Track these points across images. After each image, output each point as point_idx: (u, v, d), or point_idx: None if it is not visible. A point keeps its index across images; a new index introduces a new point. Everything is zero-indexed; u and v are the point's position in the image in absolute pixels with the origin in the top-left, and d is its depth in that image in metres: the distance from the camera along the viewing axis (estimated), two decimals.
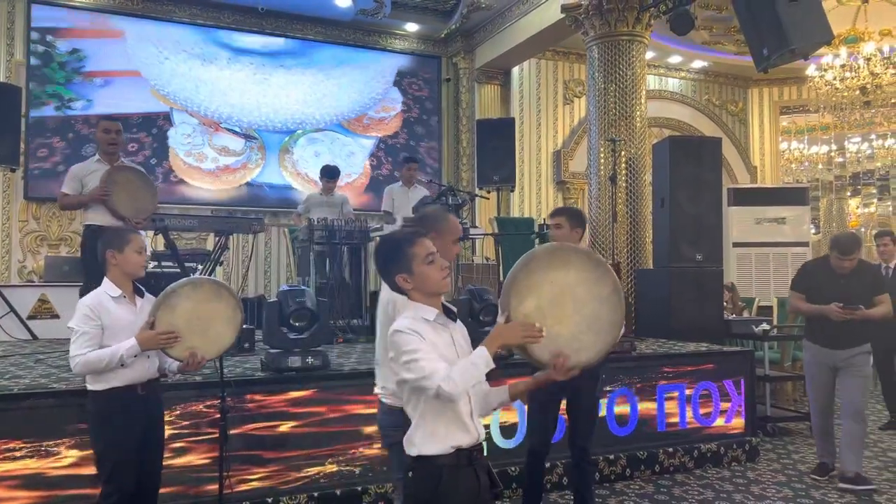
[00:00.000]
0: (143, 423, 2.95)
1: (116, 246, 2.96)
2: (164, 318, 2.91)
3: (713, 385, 5.10)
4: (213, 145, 8.89)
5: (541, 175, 10.12)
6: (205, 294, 3.02)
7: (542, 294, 2.17)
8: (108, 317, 2.88)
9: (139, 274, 3.02)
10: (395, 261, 2.16)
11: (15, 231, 7.88)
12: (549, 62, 10.29)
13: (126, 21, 8.50)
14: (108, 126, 4.79)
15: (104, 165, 4.70)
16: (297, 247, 6.70)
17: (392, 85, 9.92)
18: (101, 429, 2.90)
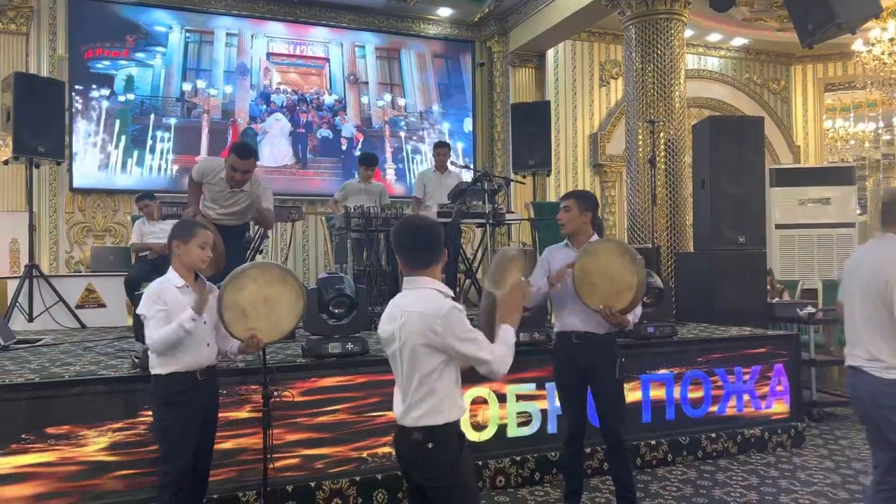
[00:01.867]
0: (202, 408, 3.03)
1: (183, 236, 3.03)
2: (230, 297, 2.99)
3: (757, 369, 5.02)
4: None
5: (577, 158, 10.01)
6: (271, 278, 3.09)
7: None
8: (173, 304, 2.94)
9: (199, 267, 3.08)
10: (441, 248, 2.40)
11: (62, 222, 8.09)
12: (584, 43, 10.14)
13: (161, 12, 8.61)
14: (235, 163, 4.42)
15: (226, 186, 4.58)
16: (335, 234, 6.74)
17: (425, 70, 9.89)
18: (162, 411, 2.99)
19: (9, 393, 3.40)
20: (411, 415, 2.27)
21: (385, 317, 2.39)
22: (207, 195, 4.73)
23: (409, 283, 2.37)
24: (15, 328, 5.87)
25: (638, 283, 3.30)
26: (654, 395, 4.70)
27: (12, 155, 6.34)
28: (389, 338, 2.34)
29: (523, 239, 7.99)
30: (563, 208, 3.57)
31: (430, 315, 2.23)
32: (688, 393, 4.80)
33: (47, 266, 7.74)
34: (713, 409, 4.86)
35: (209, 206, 4.76)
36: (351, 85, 9.52)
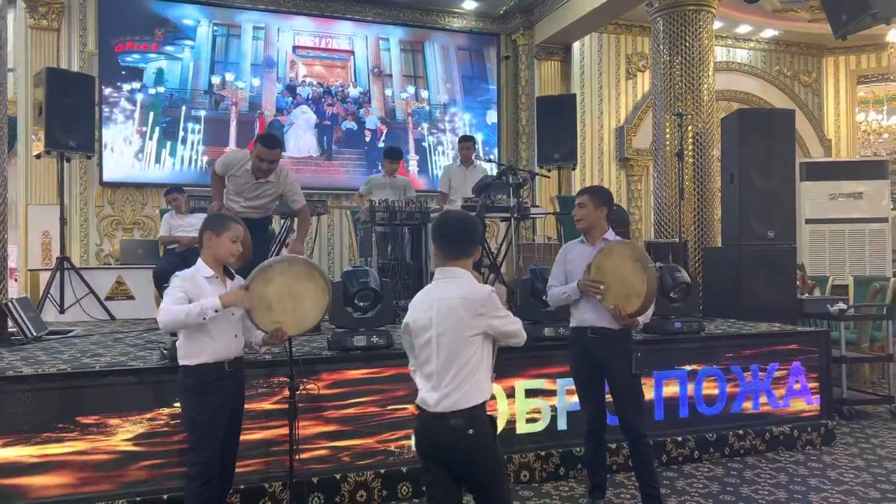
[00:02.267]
0: (230, 399, 3.06)
1: (215, 229, 3.07)
2: (257, 290, 3.03)
3: (786, 366, 4.94)
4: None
5: (603, 152, 9.93)
6: (298, 273, 3.12)
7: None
8: (199, 293, 2.96)
9: (228, 261, 3.11)
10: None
11: (92, 215, 8.21)
12: (611, 36, 10.04)
13: (189, 7, 8.68)
14: (261, 154, 4.48)
15: (252, 177, 4.64)
16: (359, 228, 6.77)
17: (449, 63, 9.87)
18: (190, 402, 3.03)
19: (42, 383, 3.46)
20: (448, 401, 2.36)
21: (416, 306, 2.49)
22: (232, 188, 4.76)
23: (443, 273, 2.49)
24: (47, 319, 5.98)
25: (647, 293, 3.33)
26: (680, 392, 4.66)
27: (44, 149, 6.45)
28: (424, 325, 2.42)
29: (548, 233, 7.95)
30: (577, 205, 3.62)
31: (473, 299, 2.39)
32: (714, 389, 4.74)
33: (78, 258, 7.87)
34: (741, 406, 4.80)
35: (233, 200, 4.80)
36: (375, 77, 9.53)
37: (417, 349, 2.47)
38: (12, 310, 4.82)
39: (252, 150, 4.60)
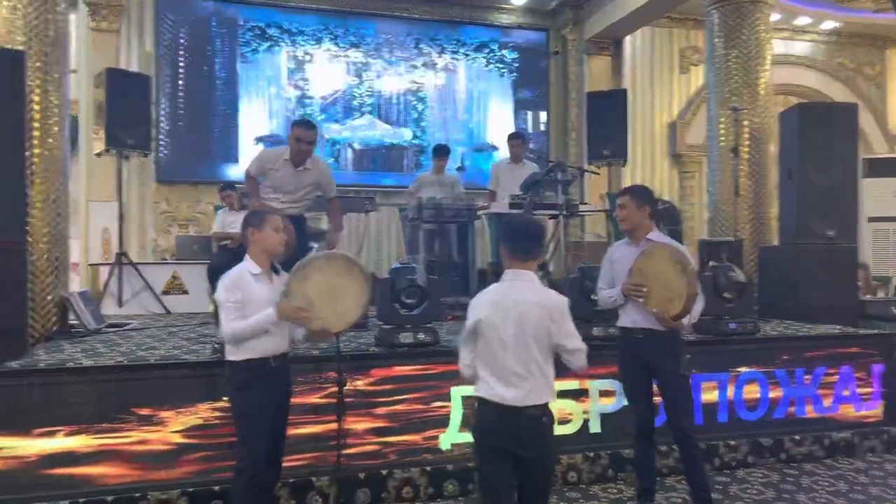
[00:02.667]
0: (276, 394, 3.10)
1: (256, 224, 3.11)
2: (298, 288, 3.06)
3: (847, 370, 4.76)
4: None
5: (654, 148, 9.74)
6: (337, 268, 3.14)
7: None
8: (248, 292, 3.02)
9: (277, 251, 3.15)
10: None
11: (149, 212, 8.44)
12: (663, 30, 9.84)
13: (242, 8, 8.84)
14: (300, 134, 4.60)
15: (290, 167, 4.71)
16: (407, 225, 6.79)
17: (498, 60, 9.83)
18: (237, 396, 3.08)
19: (100, 374, 3.57)
20: (523, 396, 2.51)
21: (490, 305, 2.61)
22: (270, 184, 4.80)
23: (515, 275, 2.64)
24: (106, 312, 6.18)
25: (688, 295, 3.27)
26: (733, 394, 4.53)
27: (104, 148, 6.66)
28: (501, 324, 2.55)
29: (597, 231, 7.85)
30: (618, 206, 3.57)
31: (548, 306, 2.56)
32: (769, 392, 4.60)
33: (136, 254, 8.10)
34: (797, 411, 4.64)
35: (272, 197, 4.84)
36: (426, 73, 9.55)
37: (488, 347, 2.57)
38: (73, 303, 4.99)
39: (290, 136, 4.69)
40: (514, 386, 2.52)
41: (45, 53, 4.86)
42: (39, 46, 4.83)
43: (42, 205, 4.83)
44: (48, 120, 4.88)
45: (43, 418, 3.46)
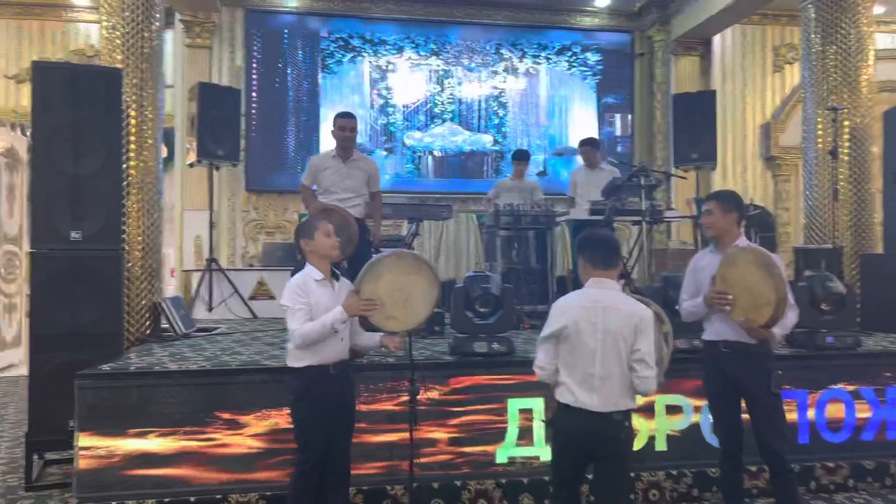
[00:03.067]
0: (335, 401, 3.13)
1: (307, 234, 3.20)
2: (368, 287, 3.12)
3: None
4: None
5: (746, 151, 9.31)
6: (406, 267, 3.19)
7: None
8: (311, 296, 3.09)
9: (332, 254, 3.22)
10: None
11: (238, 220, 8.77)
12: (755, 27, 9.40)
13: (325, 20, 9.06)
14: (342, 123, 4.99)
15: (338, 162, 5.02)
16: (485, 232, 6.75)
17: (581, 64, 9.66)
18: (297, 403, 3.14)
19: (184, 378, 3.71)
20: (609, 401, 2.61)
21: (576, 308, 2.70)
22: (324, 187, 5.02)
23: (597, 283, 2.74)
24: (197, 317, 6.44)
25: (777, 301, 3.08)
26: (832, 413, 4.25)
27: (196, 158, 6.96)
28: (588, 330, 2.64)
29: (684, 237, 7.56)
30: (704, 212, 3.43)
31: (636, 314, 2.65)
32: (871, 412, 4.28)
33: (225, 260, 8.42)
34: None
35: (326, 200, 5.03)
36: (507, 78, 9.50)
37: (573, 352, 2.66)
38: (165, 308, 5.22)
39: (333, 130, 5.02)
40: (597, 391, 2.61)
41: (141, 70, 5.12)
42: (136, 63, 5.10)
43: (137, 214, 5.08)
44: (143, 133, 5.13)
45: (130, 420, 3.62)
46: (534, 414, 3.92)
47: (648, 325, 2.63)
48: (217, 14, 8.52)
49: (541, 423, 3.86)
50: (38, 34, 8.48)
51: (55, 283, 4.40)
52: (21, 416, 5.82)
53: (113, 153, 4.67)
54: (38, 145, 4.52)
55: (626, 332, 2.61)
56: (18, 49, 8.41)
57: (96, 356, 4.18)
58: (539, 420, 3.88)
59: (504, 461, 3.89)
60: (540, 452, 3.90)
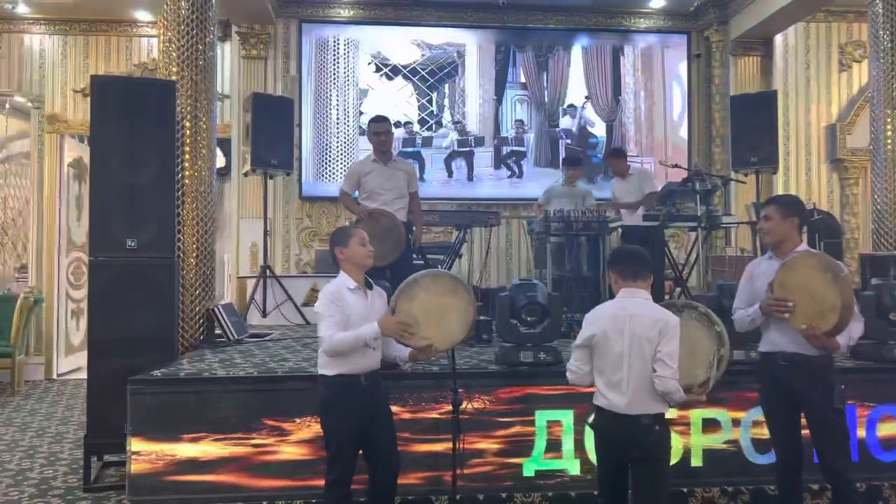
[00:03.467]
0: (366, 412, 3.10)
1: (342, 243, 3.21)
2: (403, 306, 3.09)
3: None
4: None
5: (810, 153, 8.94)
6: (443, 287, 3.16)
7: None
8: (345, 305, 3.08)
9: (367, 263, 3.21)
10: None
11: (293, 227, 8.91)
12: (820, 25, 9.03)
13: (378, 28, 9.13)
14: (377, 129, 5.15)
15: (379, 165, 5.16)
16: (535, 239, 6.66)
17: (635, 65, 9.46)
18: (327, 412, 3.12)
19: (233, 385, 3.77)
20: (637, 405, 2.71)
21: (606, 317, 2.84)
22: (368, 190, 5.13)
23: (627, 293, 2.86)
24: (252, 322, 6.56)
25: (842, 306, 2.90)
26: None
27: (251, 167, 7.10)
28: (614, 336, 2.76)
29: (742, 245, 7.30)
30: (763, 217, 3.28)
31: (661, 319, 2.74)
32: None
33: (280, 267, 8.56)
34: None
35: (371, 204, 5.15)
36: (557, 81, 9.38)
37: (603, 359, 2.80)
38: (218, 315, 5.32)
39: (369, 135, 5.20)
40: (626, 395, 2.73)
41: (196, 81, 5.24)
42: (191, 75, 5.22)
43: (191, 223, 5.19)
44: (198, 143, 5.25)
45: (180, 425, 3.70)
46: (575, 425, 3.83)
47: (673, 330, 2.72)
48: (272, 26, 8.70)
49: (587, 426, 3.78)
50: (103, 49, 8.82)
51: (112, 290, 4.55)
52: (85, 417, 6.03)
53: (167, 163, 4.81)
54: (96, 156, 4.69)
55: (652, 335, 2.71)
56: (86, 63, 8.75)
57: (151, 361, 4.29)
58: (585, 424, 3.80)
59: (550, 473, 3.81)
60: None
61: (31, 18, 8.64)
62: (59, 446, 5.46)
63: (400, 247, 4.79)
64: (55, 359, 8.53)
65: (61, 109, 8.70)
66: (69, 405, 7.01)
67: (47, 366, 8.48)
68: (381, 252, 4.74)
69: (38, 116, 8.66)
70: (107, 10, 8.48)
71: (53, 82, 8.73)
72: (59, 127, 8.66)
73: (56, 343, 8.54)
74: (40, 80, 8.72)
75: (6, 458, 5.12)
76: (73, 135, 8.92)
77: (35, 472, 4.81)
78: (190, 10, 5.25)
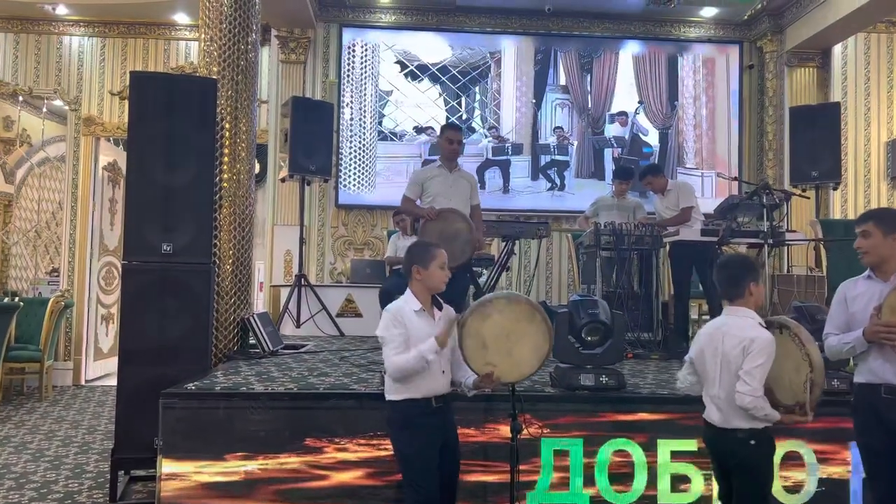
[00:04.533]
0: (439, 434, 2.91)
1: (422, 262, 2.96)
2: (473, 325, 2.87)
3: None
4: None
5: (870, 169, 8.52)
6: (519, 312, 2.91)
7: None
8: (409, 326, 2.87)
9: (440, 289, 2.99)
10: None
11: (328, 236, 8.70)
12: (881, 35, 8.63)
13: (416, 35, 8.91)
14: (451, 136, 5.04)
15: (444, 171, 5.01)
16: (582, 252, 6.35)
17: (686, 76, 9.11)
18: (400, 436, 2.93)
19: (271, 401, 3.52)
20: (731, 418, 2.77)
21: (704, 335, 2.93)
22: (432, 194, 4.97)
23: (728, 311, 2.91)
24: (284, 332, 6.33)
25: None
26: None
27: (288, 173, 6.90)
28: (709, 354, 2.85)
29: (803, 262, 6.91)
30: (860, 234, 2.92)
31: (748, 337, 2.74)
32: None
33: (314, 276, 8.34)
34: None
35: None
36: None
37: (703, 375, 2.90)
38: (253, 325, 5.09)
39: (441, 140, 5.11)
40: (721, 411, 2.80)
41: (236, 82, 5.05)
42: (231, 76, 5.03)
43: (228, 228, 4.98)
44: (237, 146, 5.05)
45: (215, 442, 3.45)
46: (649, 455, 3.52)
47: (758, 348, 2.70)
48: (312, 30, 8.54)
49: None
50: (141, 52, 8.73)
51: (145, 296, 4.35)
52: (112, 426, 5.82)
53: (205, 165, 4.61)
54: (132, 155, 4.50)
55: (736, 353, 2.74)
56: (124, 66, 8.67)
57: (184, 371, 4.08)
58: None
59: None
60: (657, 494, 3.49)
61: (70, 20, 8.59)
62: (84, 457, 5.26)
63: (470, 248, 4.59)
64: (84, 364, 8.40)
65: (97, 112, 8.62)
66: (96, 413, 6.84)
67: (75, 371, 8.35)
68: (450, 253, 4.49)
69: (74, 119, 8.59)
70: (145, 12, 8.40)
71: (91, 85, 8.66)
72: (95, 129, 8.58)
73: (85, 348, 8.42)
74: (78, 83, 8.65)
75: (31, 469, 4.93)
76: (109, 138, 8.84)
77: (60, 484, 4.60)
78: (233, 7, 5.07)
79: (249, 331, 5.08)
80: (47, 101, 8.90)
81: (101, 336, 8.74)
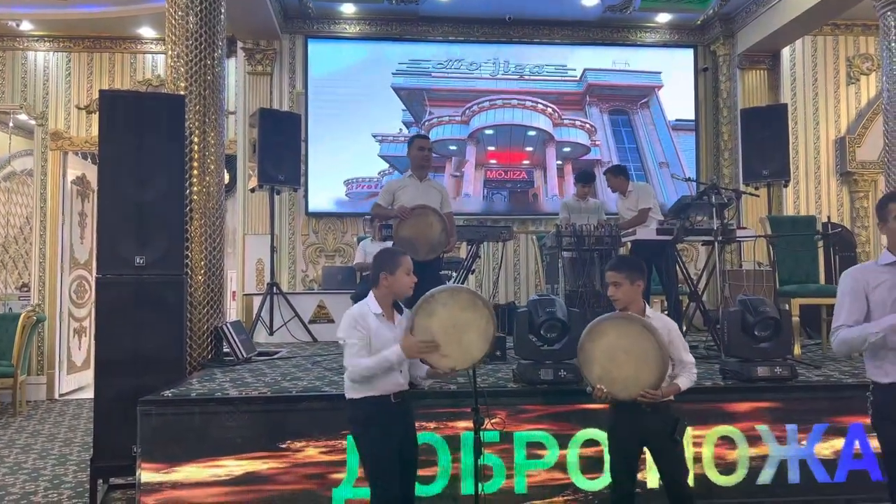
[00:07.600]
0: (398, 431, 3.02)
1: (389, 268, 3.07)
2: (422, 323, 2.99)
3: None
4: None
5: (819, 167, 8.88)
6: (461, 303, 3.04)
7: None
8: (370, 330, 2.99)
9: (407, 294, 3.11)
10: None
11: (299, 244, 8.82)
12: (827, 38, 9.01)
13: (384, 45, 9.10)
14: (422, 143, 5.16)
15: (415, 181, 5.08)
16: (546, 254, 6.58)
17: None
18: (362, 434, 3.04)
19: (246, 405, 3.67)
20: None
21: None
22: (403, 203, 4.98)
23: None
24: (258, 340, 6.46)
25: None
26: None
27: (257, 183, 7.03)
28: None
29: (758, 258, 7.21)
30: (881, 216, 2.79)
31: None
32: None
33: (286, 284, 8.46)
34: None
35: None
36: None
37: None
38: (226, 333, 5.22)
39: (412, 149, 5.12)
40: None
41: (204, 97, 5.18)
42: (199, 90, 5.16)
43: (200, 240, 5.11)
44: (206, 159, 5.18)
45: (192, 447, 3.58)
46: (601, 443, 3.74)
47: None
48: (278, 41, 8.67)
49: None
50: (107, 66, 8.78)
51: (120, 309, 4.46)
52: (88, 438, 5.92)
53: (176, 179, 4.73)
54: (104, 172, 4.61)
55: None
56: (90, 80, 8.71)
57: (159, 381, 4.20)
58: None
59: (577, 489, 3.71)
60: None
61: (35, 35, 8.62)
62: (62, 468, 5.34)
63: (446, 236, 4.71)
64: (57, 378, 8.42)
65: (65, 126, 8.65)
66: (72, 426, 6.89)
67: (49, 385, 8.37)
68: (428, 243, 4.66)
69: (41, 134, 8.61)
70: (111, 27, 8.46)
71: (57, 99, 8.69)
72: (62, 144, 8.61)
73: (58, 362, 8.44)
74: (44, 98, 8.67)
75: (10, 482, 5.00)
76: (77, 152, 8.86)
77: (39, 495, 4.69)
78: (198, 24, 5.21)
79: (223, 339, 5.22)
80: (13, 115, 8.90)
81: (73, 349, 8.76)
